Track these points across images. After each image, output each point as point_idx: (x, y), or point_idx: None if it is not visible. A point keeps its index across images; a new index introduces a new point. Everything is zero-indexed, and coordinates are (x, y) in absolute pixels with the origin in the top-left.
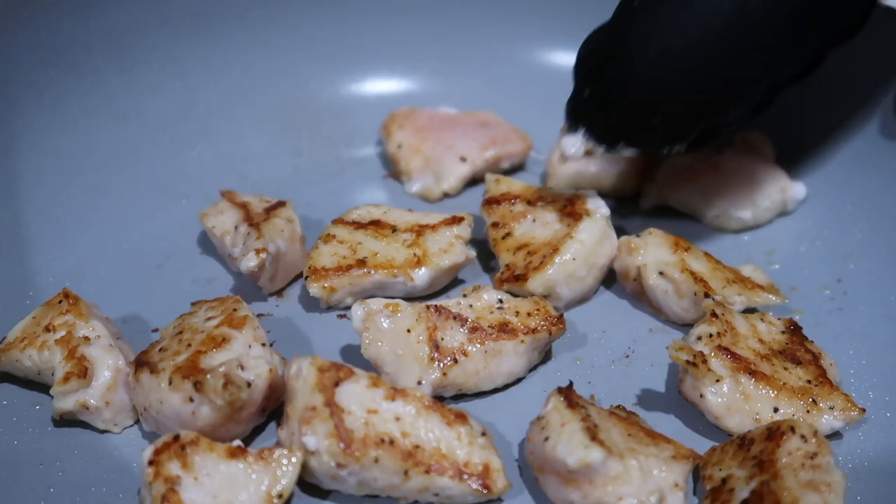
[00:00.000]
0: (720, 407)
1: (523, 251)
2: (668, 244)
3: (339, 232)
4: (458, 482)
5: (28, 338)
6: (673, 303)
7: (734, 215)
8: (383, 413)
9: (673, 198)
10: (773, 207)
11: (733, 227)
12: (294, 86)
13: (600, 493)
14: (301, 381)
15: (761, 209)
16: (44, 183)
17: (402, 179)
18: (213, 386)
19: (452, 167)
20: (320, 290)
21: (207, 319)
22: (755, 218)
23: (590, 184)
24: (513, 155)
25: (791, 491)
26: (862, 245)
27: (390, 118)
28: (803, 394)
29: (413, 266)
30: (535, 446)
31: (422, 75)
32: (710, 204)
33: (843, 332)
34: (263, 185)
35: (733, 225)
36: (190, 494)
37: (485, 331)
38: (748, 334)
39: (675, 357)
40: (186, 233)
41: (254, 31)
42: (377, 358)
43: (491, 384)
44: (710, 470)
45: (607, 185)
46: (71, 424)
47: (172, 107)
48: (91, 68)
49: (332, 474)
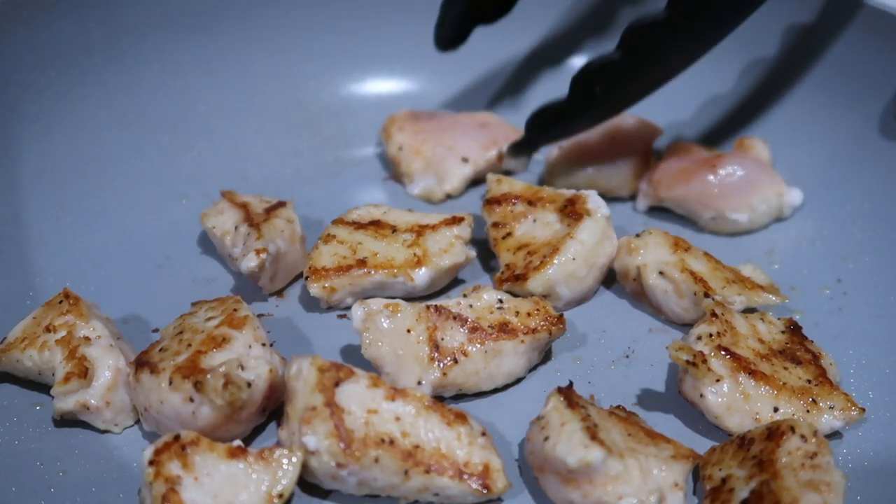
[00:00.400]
0: (720, 407)
1: (523, 251)
2: (668, 244)
3: (339, 232)
4: (458, 482)
5: (28, 338)
6: (673, 303)
7: (730, 218)
8: (383, 413)
9: (668, 199)
10: (769, 212)
11: (728, 231)
12: (294, 86)
13: (600, 493)
14: (301, 381)
15: (757, 213)
16: (44, 183)
17: (404, 181)
18: (213, 386)
19: (454, 168)
20: (320, 290)
21: (207, 319)
22: (751, 222)
23: (587, 185)
24: None
25: (791, 491)
26: (862, 245)
27: (389, 121)
28: (803, 393)
29: (413, 266)
30: (534, 446)
31: (422, 76)
32: (706, 206)
33: (843, 331)
34: (263, 185)
35: (728, 228)
36: (190, 494)
37: (485, 331)
38: (748, 334)
39: (675, 357)
40: (186, 233)
41: (254, 31)
42: (377, 358)
43: (491, 384)
44: (710, 470)
45: (603, 186)
46: (71, 424)
47: (172, 107)
48: (91, 68)
49: (333, 474)
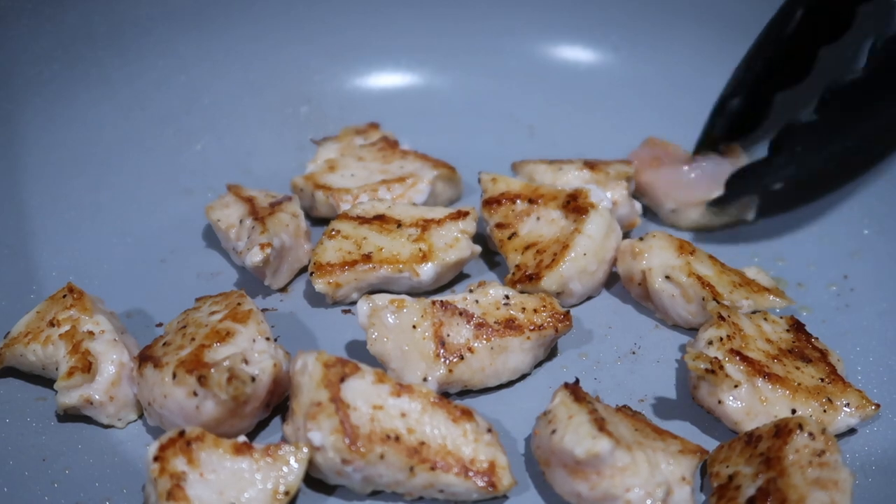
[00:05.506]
0: (739, 412)
1: (532, 250)
2: (673, 247)
3: (343, 227)
4: (463, 479)
5: (32, 332)
6: (680, 307)
7: (688, 212)
8: (389, 409)
9: (637, 184)
10: (732, 212)
11: (685, 226)
12: (298, 80)
13: (608, 485)
14: (307, 377)
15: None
16: (47, 177)
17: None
18: (217, 380)
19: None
20: (326, 285)
21: (211, 314)
22: (709, 220)
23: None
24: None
25: (798, 488)
26: (868, 241)
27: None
28: (818, 393)
29: (418, 261)
30: (541, 440)
31: (427, 69)
32: (670, 197)
33: (851, 328)
34: (267, 179)
35: (685, 223)
36: (195, 490)
37: (491, 327)
38: (755, 335)
39: (693, 367)
40: (190, 227)
41: (258, 24)
42: (383, 354)
43: (496, 380)
44: (717, 467)
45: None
46: (75, 419)
47: (176, 101)
48: (95, 62)
49: (338, 470)
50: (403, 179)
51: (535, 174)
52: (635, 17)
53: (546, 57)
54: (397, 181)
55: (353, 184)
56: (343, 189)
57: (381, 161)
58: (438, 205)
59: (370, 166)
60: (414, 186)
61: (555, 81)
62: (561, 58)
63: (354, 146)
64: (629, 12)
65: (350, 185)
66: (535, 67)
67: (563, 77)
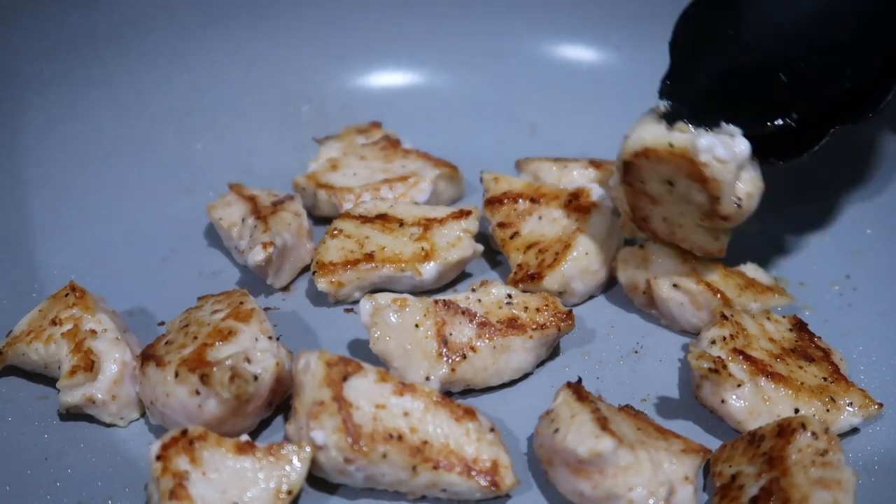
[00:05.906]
0: (742, 412)
1: (534, 249)
2: (676, 254)
3: (346, 226)
4: (466, 478)
5: (34, 331)
6: (689, 314)
7: None
8: (391, 408)
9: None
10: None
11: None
12: (300, 79)
13: (610, 484)
14: (309, 376)
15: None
16: (49, 176)
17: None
18: (219, 379)
19: None
20: (328, 284)
21: (214, 312)
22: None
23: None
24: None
25: (801, 488)
26: (871, 240)
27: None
28: (821, 392)
29: (421, 260)
30: (544, 439)
31: (429, 68)
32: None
33: (853, 328)
34: (269, 178)
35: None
36: (198, 490)
37: (493, 326)
38: (758, 335)
39: (696, 367)
40: (192, 226)
41: (259, 24)
42: (385, 353)
43: (499, 379)
44: (720, 466)
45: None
46: (77, 418)
47: (178, 100)
48: (97, 61)
49: (340, 469)
50: (405, 178)
51: (539, 172)
52: (637, 16)
53: (548, 56)
54: (399, 180)
55: (356, 183)
56: (345, 188)
57: (383, 160)
58: (440, 204)
59: (372, 165)
60: (416, 185)
61: (557, 81)
62: (563, 57)
63: (356, 145)
64: (631, 11)
65: (352, 184)
66: (537, 67)
67: (565, 76)
